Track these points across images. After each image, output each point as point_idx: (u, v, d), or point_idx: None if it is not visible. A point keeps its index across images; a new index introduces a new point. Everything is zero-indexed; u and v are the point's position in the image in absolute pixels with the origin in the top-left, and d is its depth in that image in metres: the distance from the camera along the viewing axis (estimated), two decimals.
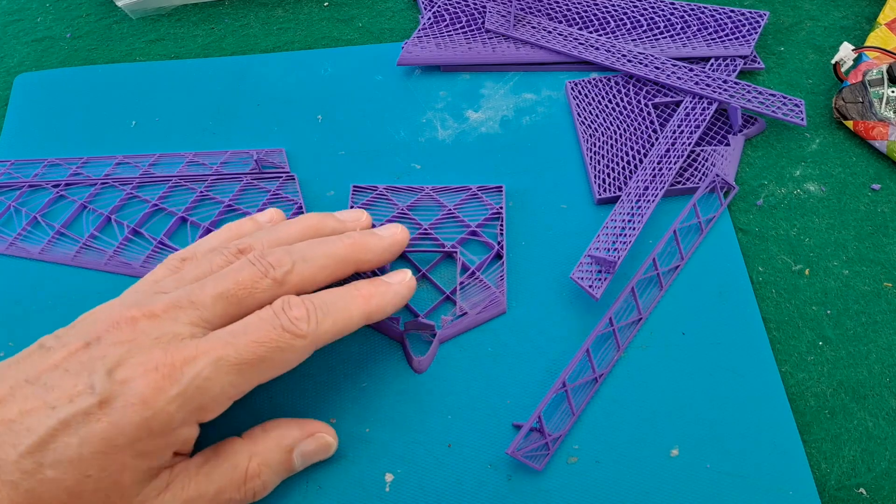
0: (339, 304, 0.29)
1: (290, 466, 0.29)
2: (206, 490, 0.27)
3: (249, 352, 0.26)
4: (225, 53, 0.44)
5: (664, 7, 0.44)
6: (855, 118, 0.39)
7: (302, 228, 0.32)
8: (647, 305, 0.34)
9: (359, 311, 0.29)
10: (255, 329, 0.26)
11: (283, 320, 0.27)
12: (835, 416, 0.32)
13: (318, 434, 0.30)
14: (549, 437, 0.30)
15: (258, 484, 0.28)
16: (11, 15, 0.47)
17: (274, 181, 0.38)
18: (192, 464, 0.27)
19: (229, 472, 0.27)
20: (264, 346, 0.26)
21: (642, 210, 0.35)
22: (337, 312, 0.28)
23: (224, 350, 0.26)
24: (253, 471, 0.28)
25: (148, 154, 0.39)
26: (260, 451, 0.28)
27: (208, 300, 0.27)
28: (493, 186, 0.37)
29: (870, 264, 0.35)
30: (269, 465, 0.28)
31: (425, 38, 0.43)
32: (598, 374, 0.32)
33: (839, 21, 0.44)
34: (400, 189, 0.38)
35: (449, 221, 0.37)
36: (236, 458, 0.28)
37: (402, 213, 0.37)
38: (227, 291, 0.27)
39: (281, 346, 0.26)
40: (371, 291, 0.30)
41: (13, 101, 0.42)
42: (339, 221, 0.33)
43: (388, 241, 0.32)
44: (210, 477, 0.27)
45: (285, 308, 0.27)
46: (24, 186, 0.39)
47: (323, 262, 0.30)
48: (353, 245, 0.31)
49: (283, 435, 0.29)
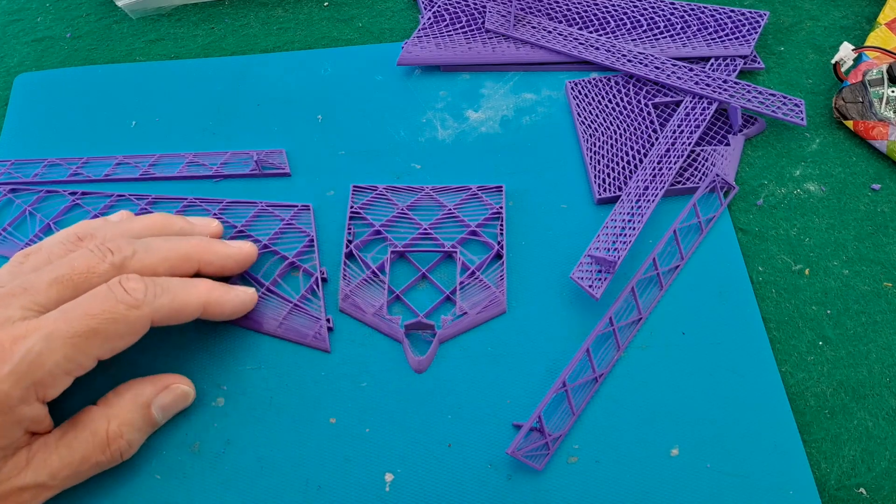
0: (178, 287, 0.29)
1: (151, 421, 0.30)
2: (70, 459, 0.27)
3: (82, 324, 0.26)
4: (225, 53, 0.44)
5: (664, 7, 0.44)
6: (855, 118, 0.39)
7: (148, 224, 0.32)
8: (647, 305, 0.34)
9: (198, 297, 0.30)
10: (87, 302, 0.27)
11: (117, 292, 0.27)
12: (835, 416, 0.32)
13: (172, 385, 0.30)
14: (549, 436, 0.30)
15: (122, 444, 0.29)
16: (11, 15, 0.47)
17: (289, 210, 0.37)
18: (51, 438, 0.28)
19: (90, 439, 0.28)
20: (96, 317, 0.26)
21: (642, 210, 0.35)
22: (175, 292, 0.29)
23: (55, 325, 0.26)
24: (114, 432, 0.28)
25: (148, 154, 0.39)
26: (117, 412, 0.29)
27: (42, 285, 0.27)
28: (493, 186, 0.37)
29: (870, 264, 0.35)
30: (130, 424, 0.29)
31: (425, 38, 0.43)
32: (598, 373, 0.32)
33: (839, 21, 0.44)
34: (400, 189, 0.38)
35: (449, 221, 0.37)
36: (94, 424, 0.28)
37: (402, 213, 0.37)
38: (62, 276, 0.28)
39: (115, 317, 0.27)
40: (212, 286, 0.31)
41: (13, 101, 0.42)
42: (188, 223, 0.34)
43: (233, 248, 0.33)
44: (71, 446, 0.28)
45: (122, 282, 0.28)
46: (42, 192, 0.38)
47: (165, 254, 0.30)
48: (197, 244, 0.32)
49: (138, 393, 0.30)
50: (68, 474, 0.28)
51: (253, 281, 0.35)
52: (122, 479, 0.30)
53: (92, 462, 0.28)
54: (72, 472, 0.28)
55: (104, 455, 0.28)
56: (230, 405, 0.32)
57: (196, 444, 0.31)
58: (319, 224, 0.37)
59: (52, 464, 0.27)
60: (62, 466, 0.27)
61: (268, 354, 0.33)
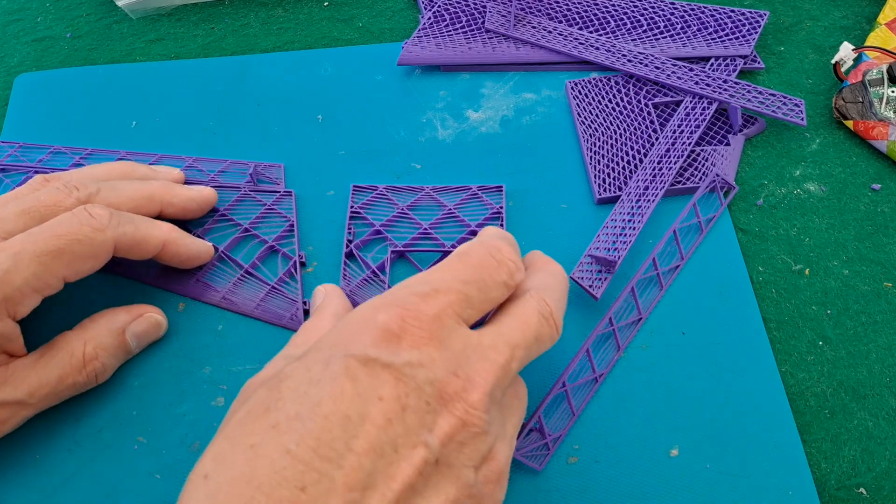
0: (141, 221, 0.31)
1: (126, 348, 0.32)
2: (47, 378, 0.29)
3: (49, 244, 0.28)
4: (225, 53, 0.44)
5: (664, 7, 0.44)
6: (855, 118, 0.39)
7: (112, 169, 0.34)
8: (646, 305, 0.34)
9: (159, 234, 0.32)
10: (54, 225, 0.28)
11: (81, 217, 0.29)
12: (835, 416, 0.32)
13: (146, 314, 0.32)
14: (549, 436, 0.30)
15: (97, 366, 0.30)
16: (11, 15, 0.47)
17: (272, 195, 0.38)
18: (28, 359, 0.29)
19: (67, 359, 0.30)
20: (62, 237, 0.28)
21: (642, 210, 0.35)
22: (140, 223, 0.31)
23: (22, 245, 0.28)
24: (90, 354, 0.30)
25: (149, 153, 0.39)
26: (92, 336, 0.30)
27: (10, 216, 0.29)
28: (493, 186, 0.37)
29: (870, 264, 0.35)
30: (105, 349, 0.30)
31: (425, 38, 0.43)
32: (598, 374, 0.32)
33: (839, 21, 0.44)
34: (400, 189, 0.38)
35: (449, 221, 0.37)
36: (70, 346, 0.30)
37: (403, 213, 0.37)
38: (29, 208, 0.29)
39: (79, 238, 0.28)
40: (173, 228, 0.33)
41: (13, 101, 0.42)
42: (152, 170, 0.36)
43: (194, 191, 0.35)
44: (48, 366, 0.29)
45: (88, 208, 0.29)
46: (31, 172, 0.39)
47: (129, 193, 0.32)
48: (160, 186, 0.33)
49: (112, 319, 0.31)
50: (46, 393, 0.29)
51: (232, 263, 0.35)
52: (122, 479, 0.30)
53: (69, 382, 0.29)
54: (49, 390, 0.29)
55: (81, 375, 0.30)
56: (230, 405, 0.32)
57: (196, 443, 0.31)
58: (319, 224, 0.37)
59: (30, 382, 0.28)
60: (40, 385, 0.29)
61: (268, 354, 0.33)
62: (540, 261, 0.29)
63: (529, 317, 0.26)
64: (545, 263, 0.29)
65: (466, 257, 0.26)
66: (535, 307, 0.26)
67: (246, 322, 0.34)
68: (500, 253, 0.26)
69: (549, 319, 0.26)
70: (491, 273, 0.26)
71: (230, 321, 0.34)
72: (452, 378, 0.23)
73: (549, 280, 0.28)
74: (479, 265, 0.26)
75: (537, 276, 0.28)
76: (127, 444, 0.31)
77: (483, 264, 0.26)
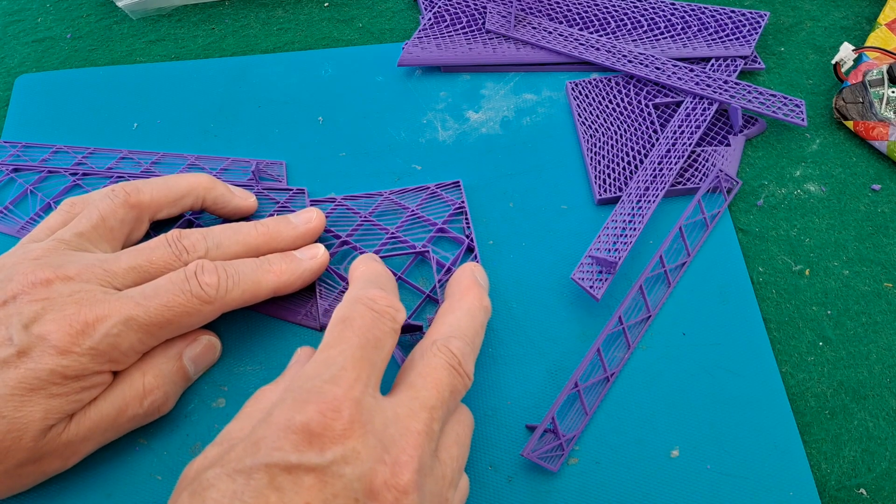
0: (250, 276, 0.30)
1: (185, 374, 0.31)
2: (107, 412, 0.28)
3: (158, 314, 0.28)
4: (225, 54, 0.44)
5: (664, 7, 0.44)
6: (855, 118, 0.39)
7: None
8: (654, 303, 0.34)
9: (268, 284, 0.31)
10: (165, 293, 0.28)
11: (192, 285, 0.29)
12: (835, 417, 0.32)
13: (200, 337, 0.31)
14: (563, 437, 0.30)
15: (159, 396, 0.29)
16: (12, 15, 0.47)
17: (284, 193, 0.38)
18: None
19: (126, 391, 0.29)
20: (172, 310, 0.28)
21: (643, 210, 0.35)
22: (246, 283, 0.30)
23: (134, 311, 0.27)
24: (150, 384, 0.29)
25: (152, 152, 0.39)
26: (149, 365, 0.30)
27: (120, 270, 0.29)
28: (450, 183, 0.38)
29: (870, 264, 0.35)
30: (164, 376, 0.30)
31: (426, 39, 0.43)
32: (610, 373, 0.32)
33: (839, 21, 0.44)
34: (357, 197, 0.37)
35: (414, 222, 0.37)
36: (129, 377, 0.29)
37: (366, 220, 0.37)
38: (140, 266, 0.29)
39: (188, 311, 0.28)
40: (282, 268, 0.32)
41: (14, 102, 0.42)
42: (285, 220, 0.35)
43: (301, 229, 0.34)
44: (108, 400, 0.28)
45: (197, 272, 0.29)
46: (44, 171, 0.39)
47: (235, 249, 0.32)
48: (266, 234, 0.33)
49: (167, 346, 0.30)
50: (107, 427, 0.28)
51: None
52: (123, 480, 0.30)
53: (129, 415, 0.29)
54: (109, 424, 0.28)
55: (141, 407, 0.29)
56: (231, 406, 0.32)
57: (197, 444, 0.31)
58: None
59: (91, 418, 0.28)
60: (101, 419, 0.28)
61: (268, 355, 0.33)
62: (456, 294, 0.30)
63: (439, 373, 0.26)
64: (460, 299, 0.30)
65: (350, 322, 0.26)
66: (443, 361, 0.27)
67: (247, 323, 0.34)
68: (377, 304, 0.27)
69: (459, 369, 0.27)
70: (378, 327, 0.26)
71: (231, 322, 0.34)
72: (380, 466, 0.23)
73: (460, 321, 0.29)
74: (364, 326, 0.26)
75: (447, 319, 0.29)
76: (128, 446, 0.31)
77: (368, 324, 0.26)
